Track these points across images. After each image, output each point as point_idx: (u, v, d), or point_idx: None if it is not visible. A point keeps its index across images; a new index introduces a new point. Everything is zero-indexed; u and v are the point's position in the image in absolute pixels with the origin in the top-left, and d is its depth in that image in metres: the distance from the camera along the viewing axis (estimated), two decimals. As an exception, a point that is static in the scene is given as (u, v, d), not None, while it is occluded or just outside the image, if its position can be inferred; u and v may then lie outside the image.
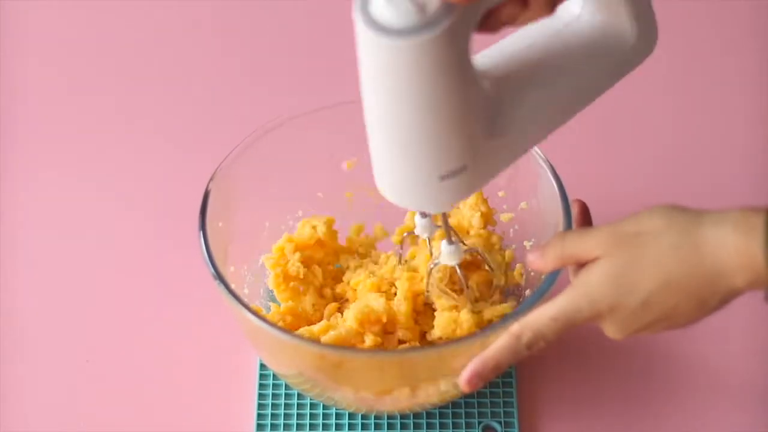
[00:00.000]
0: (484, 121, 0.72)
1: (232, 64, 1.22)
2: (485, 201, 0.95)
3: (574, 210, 0.85)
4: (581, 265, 0.76)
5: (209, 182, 0.88)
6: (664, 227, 0.73)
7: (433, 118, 0.69)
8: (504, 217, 0.97)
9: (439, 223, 0.86)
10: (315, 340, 0.87)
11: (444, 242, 0.86)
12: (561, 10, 0.77)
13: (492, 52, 0.77)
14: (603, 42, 0.77)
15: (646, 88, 1.17)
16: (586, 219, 0.85)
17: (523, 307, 0.81)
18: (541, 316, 0.75)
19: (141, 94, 1.19)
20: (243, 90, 1.19)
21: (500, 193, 0.97)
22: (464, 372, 0.78)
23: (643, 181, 1.10)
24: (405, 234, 0.94)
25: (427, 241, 0.91)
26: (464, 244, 0.90)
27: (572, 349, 0.98)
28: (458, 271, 0.88)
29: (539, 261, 0.79)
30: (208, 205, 0.87)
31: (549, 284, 0.82)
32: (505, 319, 0.82)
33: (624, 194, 1.09)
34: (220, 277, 0.84)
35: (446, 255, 0.86)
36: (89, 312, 1.01)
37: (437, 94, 0.68)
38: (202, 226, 0.86)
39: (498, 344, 0.77)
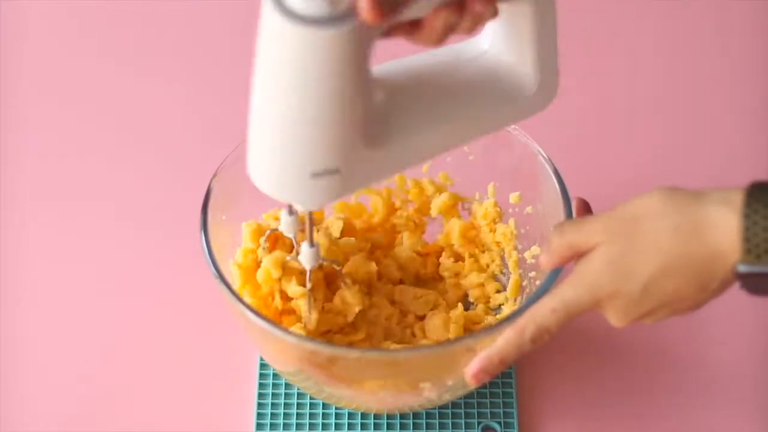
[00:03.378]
0: (365, 128, 0.71)
1: (234, 63, 1.22)
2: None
3: (575, 207, 0.84)
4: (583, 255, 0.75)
5: (211, 180, 0.88)
6: (663, 208, 0.72)
7: (315, 110, 0.68)
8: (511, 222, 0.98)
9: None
10: (315, 339, 0.87)
11: (305, 244, 0.85)
12: (471, 43, 0.78)
13: (395, 64, 0.76)
14: (503, 82, 0.77)
15: (650, 91, 1.18)
16: (587, 214, 0.84)
17: (528, 303, 0.81)
18: (542, 309, 0.75)
19: (142, 92, 1.19)
20: (244, 89, 1.19)
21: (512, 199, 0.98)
22: (470, 366, 0.78)
23: (647, 184, 1.10)
24: (267, 232, 0.92)
25: (293, 239, 0.89)
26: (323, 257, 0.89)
27: (572, 349, 0.98)
28: (308, 276, 0.88)
29: (544, 257, 0.79)
30: (210, 203, 0.87)
31: (552, 281, 0.82)
32: (510, 317, 0.82)
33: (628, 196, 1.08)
34: (221, 276, 0.84)
35: (304, 256, 0.85)
36: (89, 312, 1.01)
37: (325, 87, 0.67)
38: (204, 224, 0.86)
39: (502, 339, 0.77)
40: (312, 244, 0.85)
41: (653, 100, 1.18)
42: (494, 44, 0.77)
